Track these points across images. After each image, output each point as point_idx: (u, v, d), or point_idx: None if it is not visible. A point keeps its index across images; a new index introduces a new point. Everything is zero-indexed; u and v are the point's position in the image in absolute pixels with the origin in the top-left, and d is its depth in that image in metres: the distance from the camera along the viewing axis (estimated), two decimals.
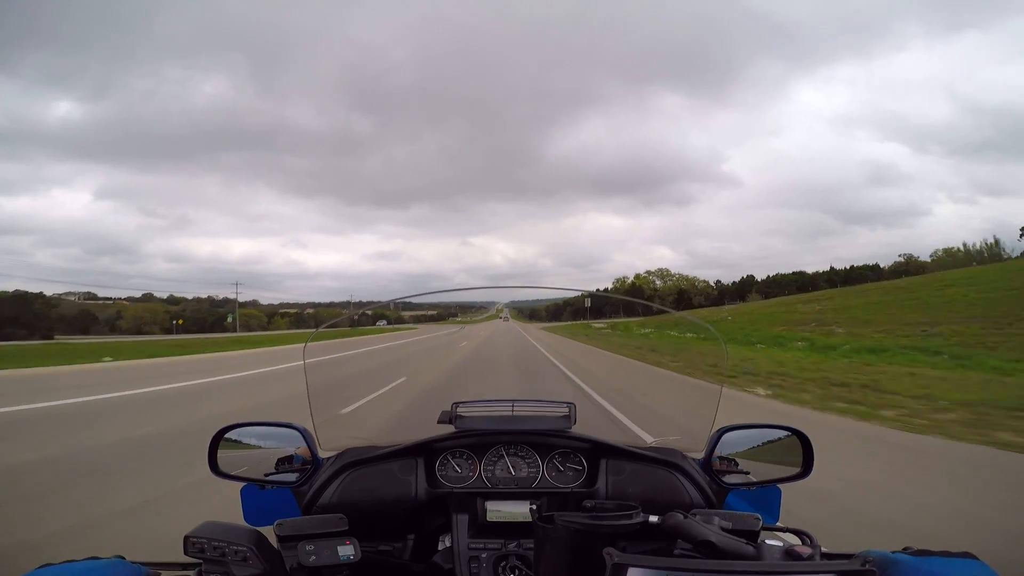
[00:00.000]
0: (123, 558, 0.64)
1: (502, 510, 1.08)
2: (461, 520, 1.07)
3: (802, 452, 1.11)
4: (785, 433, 1.13)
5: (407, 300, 1.55)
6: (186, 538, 0.65)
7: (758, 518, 0.70)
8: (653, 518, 0.68)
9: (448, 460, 1.17)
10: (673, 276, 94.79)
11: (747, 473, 1.11)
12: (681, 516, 0.67)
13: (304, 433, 1.12)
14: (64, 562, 0.60)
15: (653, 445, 1.18)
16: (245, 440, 1.16)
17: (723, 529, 0.64)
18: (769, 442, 1.14)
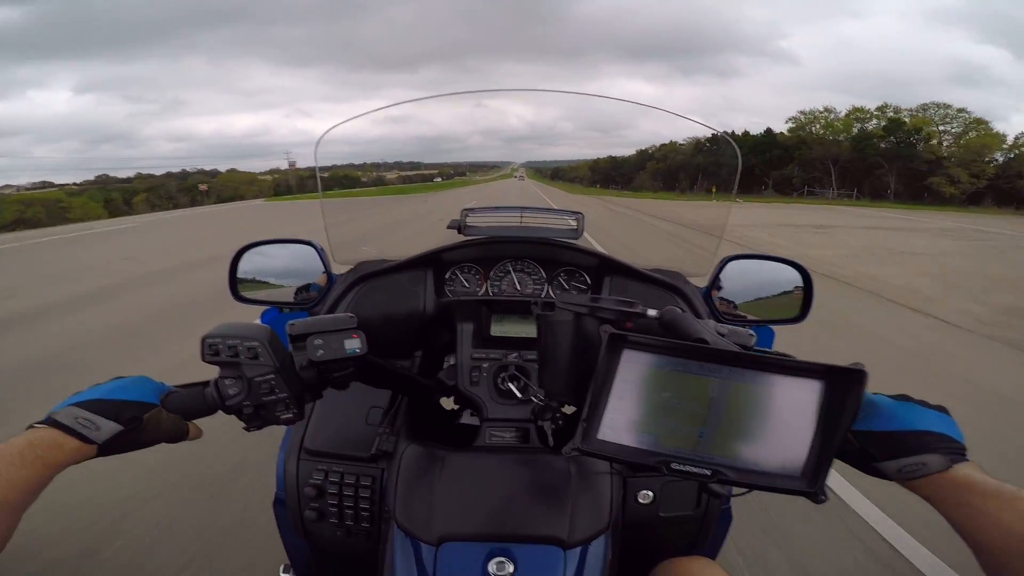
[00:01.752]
0: (147, 377, 0.66)
1: (506, 324, 1.11)
2: (466, 330, 1.10)
3: (802, 293, 1.12)
4: (789, 268, 1.13)
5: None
6: (203, 339, 0.64)
7: (752, 335, 0.70)
8: (652, 311, 0.69)
9: (456, 274, 1.20)
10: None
11: (744, 317, 1.12)
12: (679, 312, 0.68)
13: (319, 249, 1.14)
14: (92, 387, 0.63)
15: (658, 267, 1.19)
16: (262, 273, 1.19)
17: (718, 334, 0.66)
18: (773, 293, 1.14)
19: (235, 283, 1.16)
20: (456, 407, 1.16)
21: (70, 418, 0.57)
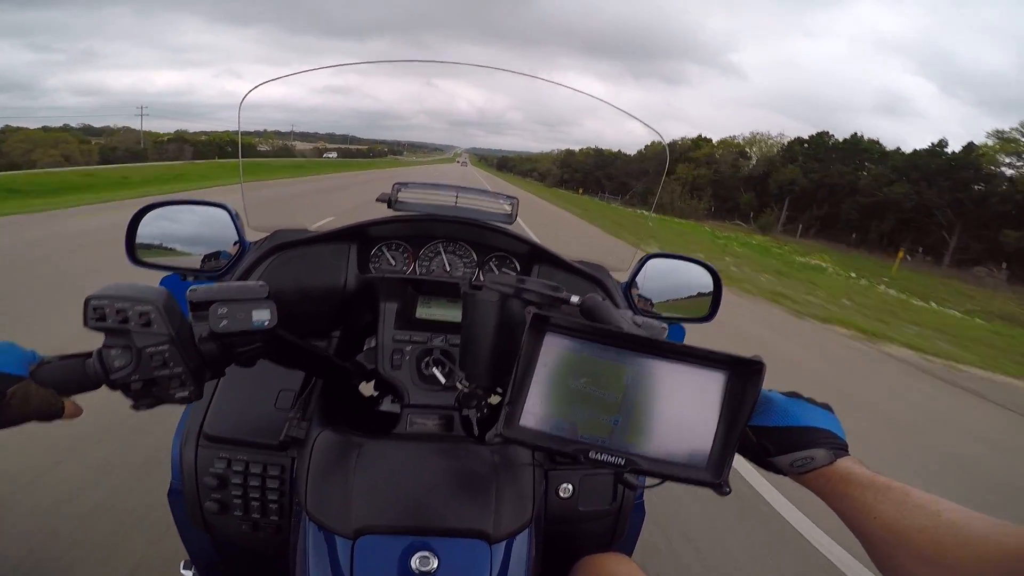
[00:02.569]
0: (14, 343, 0.57)
1: (432, 307, 1.09)
2: (389, 309, 1.06)
3: (712, 293, 1.19)
4: (703, 270, 1.20)
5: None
6: (86, 301, 0.56)
7: (664, 328, 0.73)
8: (575, 298, 0.70)
9: (383, 252, 1.14)
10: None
11: (659, 314, 1.17)
12: (600, 299, 0.70)
13: (232, 214, 1.06)
14: None
15: (584, 260, 1.21)
16: (168, 238, 1.08)
17: (635, 324, 0.69)
18: (689, 294, 1.21)
19: (132, 245, 1.04)
20: (376, 393, 1.11)
21: None
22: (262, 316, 0.59)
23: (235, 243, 1.07)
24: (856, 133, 35.59)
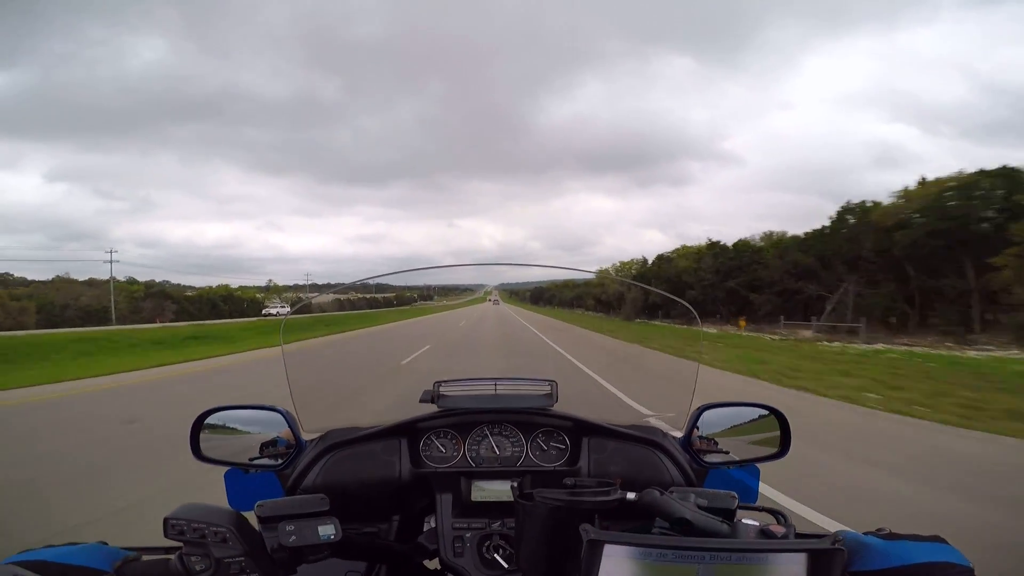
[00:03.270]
0: (105, 543, 0.64)
1: (486, 489, 1.09)
2: (445, 500, 1.08)
3: (780, 431, 1.14)
4: (763, 412, 1.16)
5: (377, 280, 1.50)
6: (166, 520, 0.64)
7: (734, 496, 0.71)
8: (631, 495, 0.69)
9: (432, 440, 1.18)
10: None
11: (727, 452, 1.13)
12: (658, 493, 0.68)
13: (286, 416, 1.12)
14: (44, 547, 0.60)
15: (634, 424, 1.20)
16: (229, 421, 1.15)
17: (699, 507, 0.66)
18: (748, 422, 1.16)
19: (197, 444, 1.11)
20: (439, 568, 1.10)
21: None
22: (327, 531, 0.67)
23: (288, 428, 1.12)
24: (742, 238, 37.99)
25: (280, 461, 1.09)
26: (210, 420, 1.13)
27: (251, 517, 0.76)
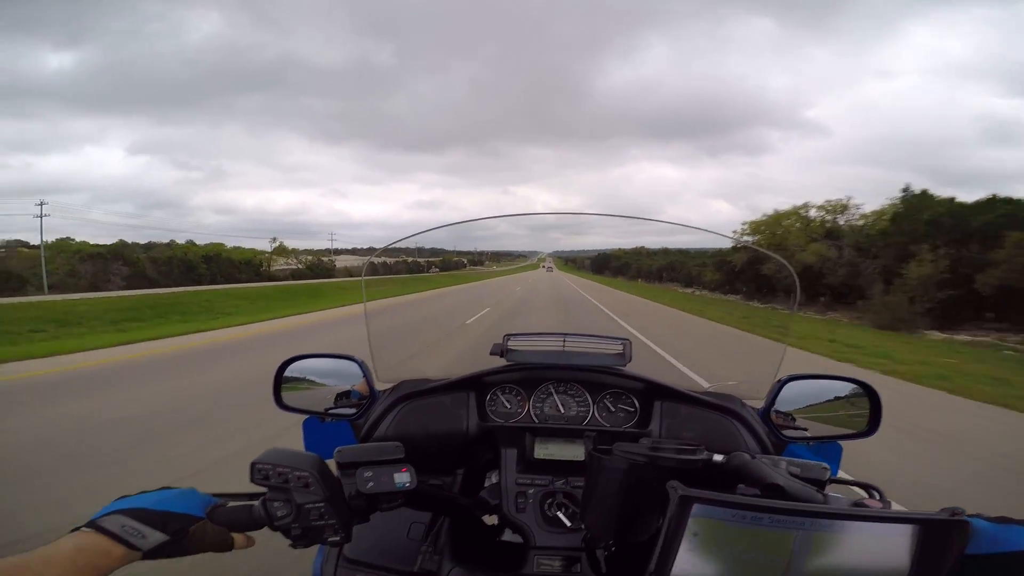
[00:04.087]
0: (195, 489, 0.68)
1: (550, 448, 1.09)
2: (509, 455, 1.09)
3: (869, 408, 1.06)
4: (851, 387, 1.08)
5: (425, 233, 1.44)
6: (252, 464, 0.67)
7: (826, 468, 0.67)
8: (718, 457, 0.66)
9: (498, 395, 1.18)
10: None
11: (804, 430, 1.07)
12: (748, 457, 0.65)
13: (362, 365, 1.16)
14: (140, 493, 0.65)
15: (711, 390, 1.16)
16: (306, 373, 1.21)
17: (791, 475, 0.63)
18: (832, 399, 1.09)
19: (279, 392, 1.18)
20: (496, 523, 1.12)
21: (117, 526, 0.59)
22: (403, 479, 0.70)
23: (363, 379, 1.16)
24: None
25: (355, 411, 1.13)
26: (290, 371, 1.18)
27: (331, 465, 0.79)
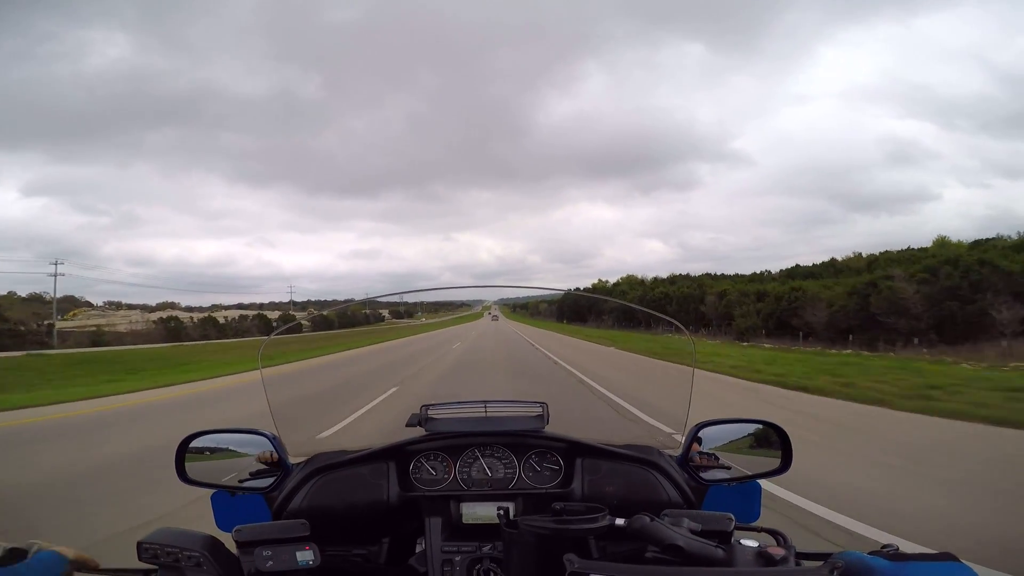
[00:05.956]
0: (55, 552, 0.63)
1: (478, 512, 1.07)
2: (434, 523, 1.06)
3: (781, 446, 1.12)
4: (760, 427, 1.14)
5: (377, 299, 1.52)
6: (139, 544, 0.65)
7: (730, 518, 0.69)
8: (620, 521, 0.67)
9: (422, 463, 1.16)
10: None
11: (729, 468, 1.11)
12: (647, 519, 0.66)
13: (272, 439, 1.11)
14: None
15: (630, 443, 1.19)
16: (213, 447, 1.15)
17: (693, 531, 0.64)
18: (747, 435, 1.15)
19: (182, 466, 1.10)
20: None
21: None
22: (306, 557, 0.67)
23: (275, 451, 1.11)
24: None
25: (267, 484, 1.07)
26: (196, 443, 1.12)
27: (230, 540, 0.75)
